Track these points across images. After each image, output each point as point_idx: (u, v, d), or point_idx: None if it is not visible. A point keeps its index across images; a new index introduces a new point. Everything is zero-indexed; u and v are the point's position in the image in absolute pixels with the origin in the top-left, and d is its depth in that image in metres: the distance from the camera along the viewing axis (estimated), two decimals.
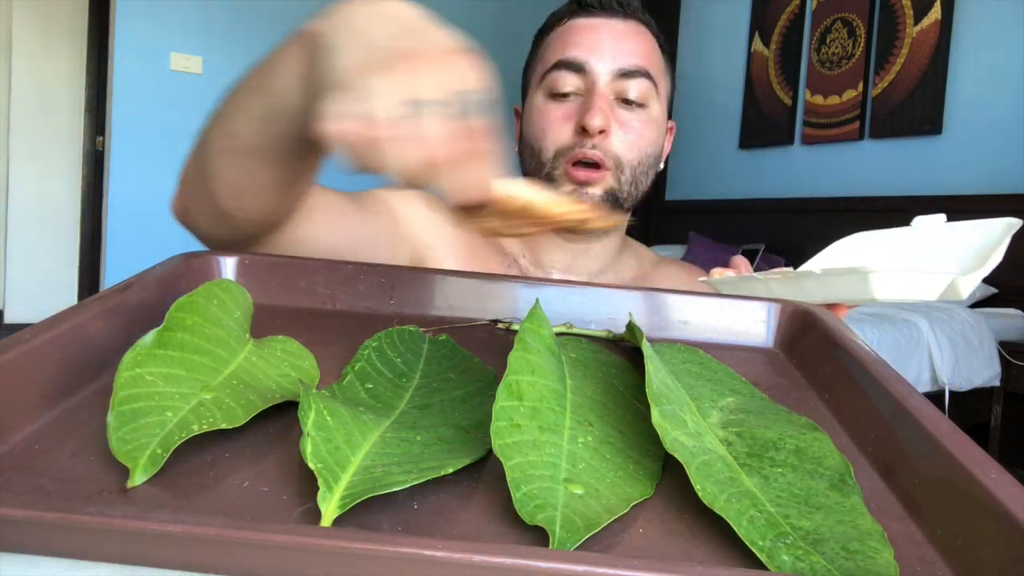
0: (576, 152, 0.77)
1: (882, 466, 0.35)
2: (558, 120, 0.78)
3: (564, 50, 0.79)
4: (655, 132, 0.80)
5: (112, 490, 0.28)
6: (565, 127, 0.78)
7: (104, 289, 0.43)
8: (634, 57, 0.78)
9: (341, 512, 0.26)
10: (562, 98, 0.79)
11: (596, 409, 0.37)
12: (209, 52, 3.58)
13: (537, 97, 0.81)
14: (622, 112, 0.78)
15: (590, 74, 0.77)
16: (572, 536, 0.26)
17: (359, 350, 0.42)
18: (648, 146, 0.80)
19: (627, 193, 0.80)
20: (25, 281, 4.07)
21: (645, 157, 0.80)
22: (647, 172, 0.81)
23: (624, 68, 0.77)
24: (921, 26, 2.87)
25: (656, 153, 0.82)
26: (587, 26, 0.79)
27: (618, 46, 0.78)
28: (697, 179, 3.95)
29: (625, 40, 0.78)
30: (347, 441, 0.31)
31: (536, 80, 0.82)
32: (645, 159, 0.80)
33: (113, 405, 0.31)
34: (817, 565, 0.26)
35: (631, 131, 0.78)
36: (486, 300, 0.54)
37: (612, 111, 0.77)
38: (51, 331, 0.36)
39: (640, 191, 0.82)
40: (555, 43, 0.81)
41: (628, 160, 0.78)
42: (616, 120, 0.77)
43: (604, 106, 0.76)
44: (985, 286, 2.45)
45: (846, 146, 3.17)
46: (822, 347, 0.48)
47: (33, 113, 4.03)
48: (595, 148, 0.76)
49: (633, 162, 0.79)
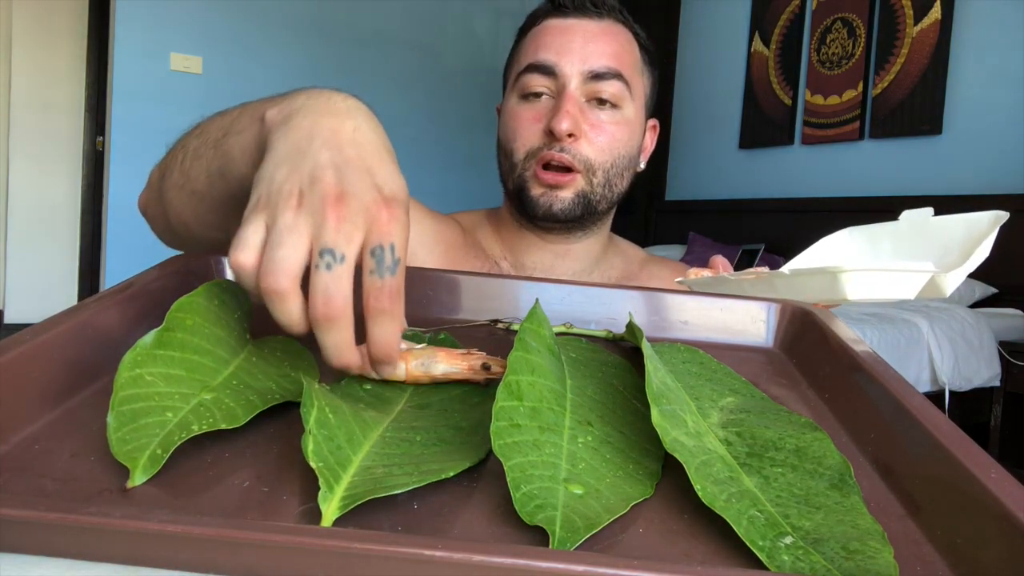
0: (544, 154, 0.76)
1: (882, 466, 0.35)
2: (528, 122, 0.78)
3: (536, 52, 0.78)
4: (628, 133, 0.79)
5: (112, 490, 0.28)
6: (535, 128, 0.77)
7: (104, 289, 0.43)
8: (605, 59, 0.77)
9: (341, 514, 0.26)
10: (534, 99, 0.78)
11: (596, 409, 0.37)
12: (209, 52, 3.58)
13: (511, 99, 0.81)
14: (594, 114, 0.77)
15: (560, 77, 0.77)
16: (572, 536, 0.26)
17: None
18: (621, 148, 0.79)
19: (600, 196, 0.79)
20: (25, 281, 4.06)
21: (618, 159, 0.79)
22: (622, 174, 0.80)
23: (595, 70, 0.76)
24: (921, 26, 2.87)
25: (631, 154, 0.81)
26: (559, 28, 0.78)
27: (589, 47, 0.77)
28: (697, 179, 3.95)
29: (596, 41, 0.78)
30: (348, 440, 0.31)
31: (511, 81, 0.82)
32: (619, 161, 0.79)
33: (113, 405, 0.31)
34: (817, 565, 0.26)
35: (603, 133, 0.77)
36: (486, 300, 0.54)
37: (583, 113, 0.77)
38: (51, 331, 0.36)
39: (616, 193, 0.81)
40: (529, 45, 0.80)
41: (600, 163, 0.77)
42: (587, 122, 0.77)
43: (572, 109, 0.75)
44: (985, 286, 2.45)
45: (846, 146, 3.17)
46: (822, 347, 0.48)
47: (33, 113, 4.02)
48: (564, 151, 0.76)
49: (606, 164, 0.78)
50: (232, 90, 3.60)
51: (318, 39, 3.81)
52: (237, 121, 0.47)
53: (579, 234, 0.82)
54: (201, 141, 0.52)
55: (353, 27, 3.90)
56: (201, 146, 0.52)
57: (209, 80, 3.57)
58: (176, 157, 0.55)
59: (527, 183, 0.78)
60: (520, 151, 0.78)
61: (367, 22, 3.94)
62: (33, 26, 3.98)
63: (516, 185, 0.79)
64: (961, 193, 2.67)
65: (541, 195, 0.77)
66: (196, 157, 0.52)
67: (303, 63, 3.78)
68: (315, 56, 3.81)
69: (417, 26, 4.06)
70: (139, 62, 3.45)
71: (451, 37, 4.14)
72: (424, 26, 4.08)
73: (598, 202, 0.79)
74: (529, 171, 0.78)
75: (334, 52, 3.86)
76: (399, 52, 4.03)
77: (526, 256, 0.84)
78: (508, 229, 0.85)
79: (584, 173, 0.77)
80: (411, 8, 4.04)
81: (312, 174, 0.36)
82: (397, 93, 4.04)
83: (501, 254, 0.85)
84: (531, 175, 0.77)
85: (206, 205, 0.53)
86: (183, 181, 0.54)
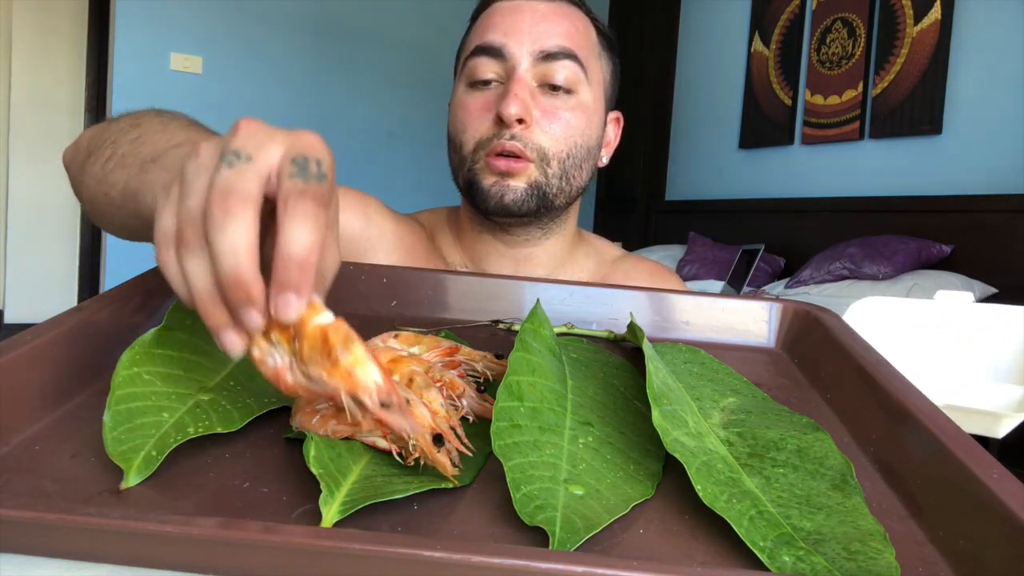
0: (495, 144, 0.71)
1: (884, 466, 0.35)
2: (477, 111, 0.72)
3: (483, 35, 0.73)
4: (585, 121, 0.74)
5: (112, 491, 0.28)
6: (484, 118, 0.72)
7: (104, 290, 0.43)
8: (556, 38, 0.71)
9: (342, 517, 0.26)
10: (483, 86, 0.73)
11: (597, 409, 0.37)
12: (209, 52, 3.57)
13: (459, 88, 0.76)
14: (546, 99, 0.72)
15: (509, 59, 0.71)
16: (572, 537, 0.26)
17: None
18: (578, 136, 0.73)
19: (556, 188, 0.73)
20: (25, 281, 4.06)
21: (575, 148, 0.73)
22: (580, 165, 0.74)
23: (546, 50, 0.71)
24: (921, 26, 2.87)
25: (590, 144, 0.75)
26: (508, 8, 0.73)
27: (539, 27, 0.72)
28: (697, 179, 3.95)
29: (547, 21, 0.72)
30: (348, 448, 0.31)
31: (459, 69, 0.77)
32: (576, 150, 0.73)
33: (110, 404, 0.31)
34: (818, 566, 0.26)
35: (556, 120, 0.71)
36: (487, 301, 0.54)
37: (534, 99, 0.71)
38: (52, 332, 0.36)
39: (574, 186, 0.75)
40: (477, 28, 0.76)
41: (555, 152, 0.72)
42: (539, 107, 0.71)
43: (522, 93, 0.70)
44: (985, 286, 2.45)
45: (846, 146, 3.17)
46: (824, 347, 0.48)
47: (33, 113, 4.02)
48: (514, 139, 0.70)
49: (561, 154, 0.72)
50: (232, 90, 3.60)
51: (318, 39, 3.81)
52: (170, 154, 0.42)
53: (538, 234, 0.77)
54: (131, 150, 0.49)
55: (353, 27, 3.90)
56: (129, 156, 0.49)
57: (209, 80, 3.57)
58: (105, 149, 0.52)
59: (477, 175, 0.72)
60: (469, 143, 0.73)
61: (367, 22, 3.94)
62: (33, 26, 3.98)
63: (467, 179, 0.74)
64: (961, 193, 2.67)
65: (492, 184, 0.71)
66: (121, 165, 0.49)
67: (303, 63, 3.78)
68: (315, 56, 3.81)
69: (417, 26, 4.06)
70: (139, 62, 3.45)
71: (451, 37, 4.14)
72: (424, 26, 4.07)
73: (555, 195, 0.73)
74: (479, 163, 0.72)
75: (334, 52, 3.86)
76: (399, 52, 4.03)
77: (487, 263, 0.79)
78: (466, 233, 0.80)
79: (537, 162, 0.71)
80: (411, 8, 4.04)
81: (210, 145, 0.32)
82: (397, 93, 4.04)
83: (461, 262, 0.81)
84: (481, 166, 0.72)
85: (114, 209, 0.51)
86: (101, 178, 0.51)
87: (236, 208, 0.28)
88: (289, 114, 3.72)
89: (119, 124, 0.54)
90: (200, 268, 0.30)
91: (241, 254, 0.28)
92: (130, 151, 0.48)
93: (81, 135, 0.62)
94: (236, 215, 0.28)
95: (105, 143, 0.53)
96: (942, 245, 2.55)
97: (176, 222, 0.30)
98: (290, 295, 0.29)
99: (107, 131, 0.55)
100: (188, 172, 0.31)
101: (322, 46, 3.83)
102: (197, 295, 0.30)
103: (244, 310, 0.29)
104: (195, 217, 0.30)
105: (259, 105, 3.63)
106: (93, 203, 0.55)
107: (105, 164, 0.51)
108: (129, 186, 0.46)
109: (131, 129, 0.51)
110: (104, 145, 0.53)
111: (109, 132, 0.54)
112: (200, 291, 0.30)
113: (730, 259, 3.06)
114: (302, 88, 3.78)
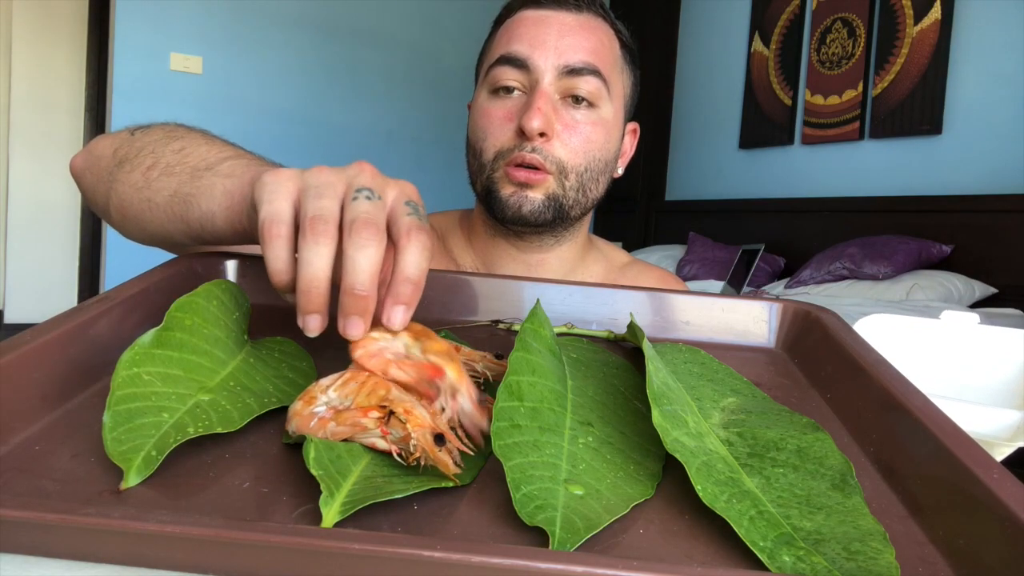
0: (515, 155, 0.71)
1: (884, 466, 0.35)
2: (499, 120, 0.73)
3: (508, 44, 0.73)
4: (605, 135, 0.74)
5: (112, 491, 0.28)
6: (506, 127, 0.72)
7: (104, 290, 0.43)
8: (582, 53, 0.72)
9: (342, 517, 0.26)
10: (505, 94, 0.73)
11: (597, 409, 0.37)
12: (209, 52, 3.57)
13: (481, 94, 0.76)
14: (568, 113, 0.72)
15: (533, 71, 0.71)
16: (572, 537, 0.26)
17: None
18: (597, 150, 0.74)
19: (573, 200, 0.73)
20: (25, 281, 4.06)
21: (594, 162, 0.74)
22: (597, 178, 0.75)
23: (571, 65, 0.71)
24: (921, 26, 2.87)
25: (607, 158, 0.76)
26: (534, 19, 0.73)
27: (565, 41, 0.72)
28: (697, 179, 3.95)
29: (574, 35, 0.72)
30: (348, 450, 0.31)
31: (482, 75, 0.77)
32: (594, 164, 0.74)
33: (110, 404, 0.31)
34: (818, 566, 0.26)
35: (577, 134, 0.72)
36: (487, 300, 0.54)
37: (556, 112, 0.72)
38: (52, 332, 0.36)
39: (591, 198, 0.76)
40: (501, 37, 0.75)
41: (573, 165, 0.72)
42: (560, 121, 0.72)
43: (545, 107, 0.70)
44: (985, 286, 2.45)
45: (846, 146, 3.17)
46: (824, 347, 0.48)
47: (33, 113, 4.02)
48: (535, 152, 0.71)
49: (579, 167, 0.73)
50: (232, 90, 3.60)
51: (318, 39, 3.81)
52: (226, 163, 0.49)
53: (551, 241, 0.78)
54: (178, 160, 0.52)
55: (353, 27, 3.90)
56: (176, 165, 0.52)
57: (209, 80, 3.56)
58: (143, 159, 0.54)
59: (496, 184, 0.73)
60: (490, 151, 0.73)
61: (367, 22, 3.94)
62: (33, 26, 3.98)
63: (485, 187, 0.74)
64: (961, 193, 2.67)
65: (511, 195, 0.72)
66: (167, 173, 0.52)
67: (303, 63, 3.78)
68: (315, 56, 3.81)
69: (417, 26, 4.06)
70: (139, 62, 3.45)
71: (451, 37, 4.14)
72: (424, 26, 4.07)
73: (571, 207, 0.74)
74: (498, 172, 0.73)
75: (334, 52, 3.86)
76: (399, 52, 4.03)
77: (499, 267, 0.79)
78: (479, 237, 0.81)
79: (556, 175, 0.72)
80: (411, 8, 4.04)
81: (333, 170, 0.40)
82: (397, 93, 4.04)
83: (472, 264, 0.81)
84: (500, 175, 0.73)
85: (156, 215, 0.53)
86: (143, 185, 0.53)
87: (376, 237, 0.36)
88: (289, 114, 3.72)
89: (151, 135, 0.57)
90: (322, 260, 0.35)
91: (371, 273, 0.35)
92: (176, 160, 0.52)
93: (93, 145, 0.63)
94: (376, 242, 0.36)
95: (141, 153, 0.56)
96: (942, 245, 2.55)
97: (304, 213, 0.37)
98: (401, 307, 0.36)
99: (136, 142, 0.57)
100: (312, 180, 0.38)
101: (322, 46, 3.83)
102: (308, 278, 0.35)
103: (351, 319, 0.36)
104: (333, 216, 0.36)
105: (259, 105, 3.63)
106: (125, 209, 0.56)
107: (147, 172, 0.54)
108: (180, 191, 0.50)
109: (171, 141, 0.55)
110: (140, 155, 0.55)
111: (141, 143, 0.57)
112: (312, 276, 0.35)
113: (730, 259, 3.06)
114: (302, 88, 3.78)
